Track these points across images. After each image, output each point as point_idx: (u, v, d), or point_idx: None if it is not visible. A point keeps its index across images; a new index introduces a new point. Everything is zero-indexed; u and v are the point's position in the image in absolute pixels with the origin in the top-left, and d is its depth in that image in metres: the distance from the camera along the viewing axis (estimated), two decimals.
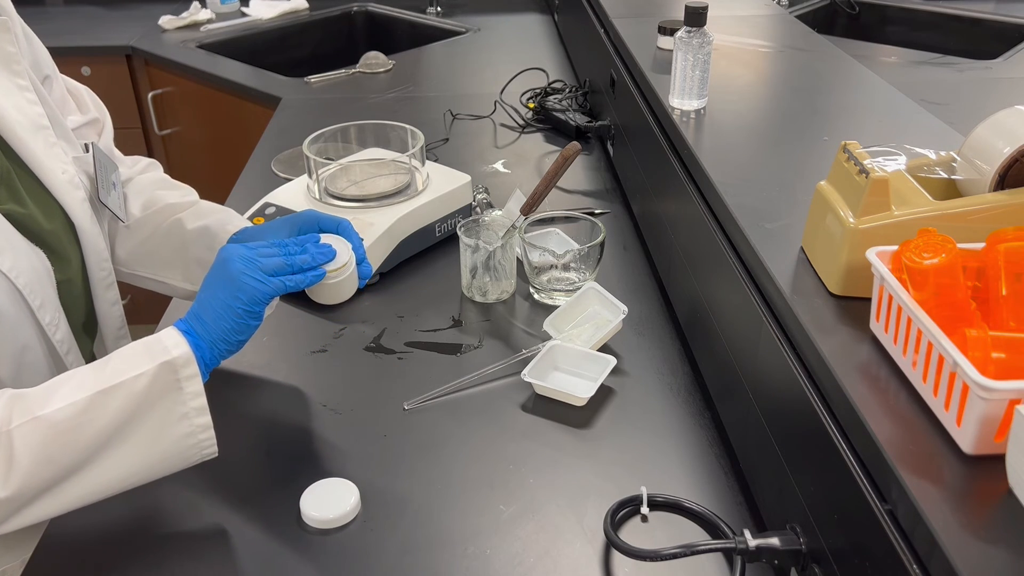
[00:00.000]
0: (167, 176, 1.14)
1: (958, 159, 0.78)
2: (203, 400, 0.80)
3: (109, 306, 1.00)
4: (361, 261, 0.94)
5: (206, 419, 0.81)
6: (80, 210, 0.93)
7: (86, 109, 1.04)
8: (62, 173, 0.92)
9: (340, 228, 0.95)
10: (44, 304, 0.88)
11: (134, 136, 2.41)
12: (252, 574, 0.80)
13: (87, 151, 0.98)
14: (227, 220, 1.03)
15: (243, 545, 0.83)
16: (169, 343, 0.79)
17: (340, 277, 0.91)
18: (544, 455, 0.93)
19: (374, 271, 1.22)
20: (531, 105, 1.84)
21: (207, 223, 1.02)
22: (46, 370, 0.90)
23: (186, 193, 1.10)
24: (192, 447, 0.80)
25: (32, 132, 0.90)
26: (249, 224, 1.04)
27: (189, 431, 0.80)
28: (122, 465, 0.77)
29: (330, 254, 0.88)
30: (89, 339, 1.00)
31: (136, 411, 0.76)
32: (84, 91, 1.06)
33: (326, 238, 0.93)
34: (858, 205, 0.73)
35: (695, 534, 0.84)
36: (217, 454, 0.82)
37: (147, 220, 1.05)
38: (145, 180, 1.11)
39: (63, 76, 1.03)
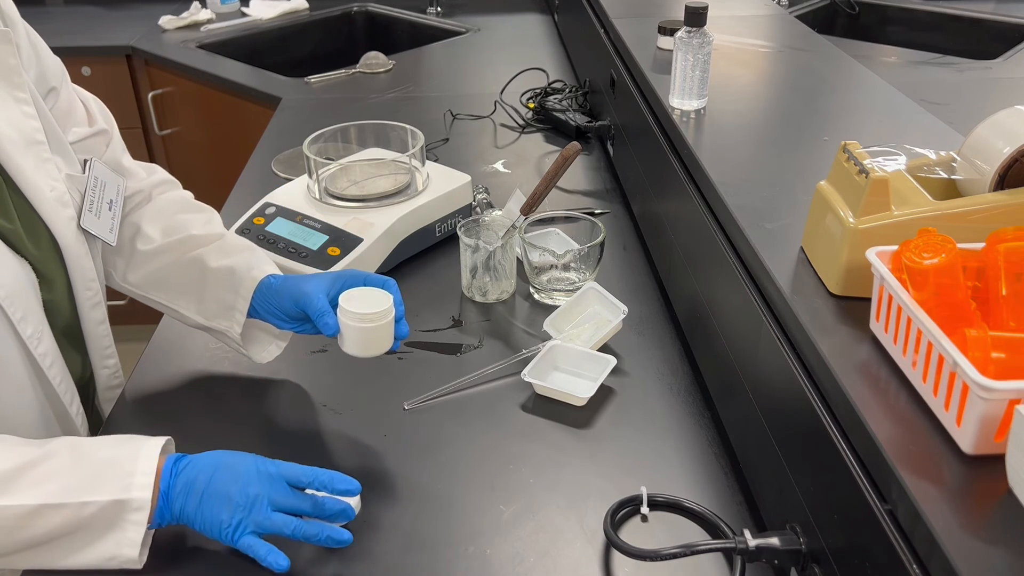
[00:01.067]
0: (188, 195, 1.10)
1: (958, 159, 0.78)
2: (136, 551, 0.77)
3: (95, 325, 0.97)
4: (400, 319, 0.93)
5: (134, 561, 0.78)
6: (65, 229, 0.90)
7: (93, 120, 1.02)
8: (50, 191, 0.89)
9: (386, 285, 0.94)
10: (26, 316, 0.86)
11: (134, 136, 2.41)
12: (251, 574, 0.80)
13: (85, 168, 0.95)
14: (253, 264, 1.00)
15: None
16: (137, 481, 0.77)
17: (375, 323, 0.89)
18: (544, 455, 0.93)
19: (374, 271, 1.22)
20: (531, 105, 1.84)
21: (231, 264, 0.99)
22: (27, 382, 0.88)
23: (209, 219, 1.06)
24: (111, 567, 0.79)
25: (23, 147, 0.87)
26: (277, 272, 1.01)
27: (112, 559, 0.78)
28: (37, 563, 0.78)
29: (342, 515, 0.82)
30: (78, 353, 0.97)
31: (72, 531, 0.76)
32: (92, 101, 1.04)
33: (366, 291, 0.92)
34: (858, 205, 0.73)
35: (695, 534, 0.84)
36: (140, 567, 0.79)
37: (167, 248, 1.02)
38: (165, 201, 1.07)
39: (74, 86, 1.01)
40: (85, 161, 0.96)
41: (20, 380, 0.88)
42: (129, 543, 0.77)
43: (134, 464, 0.79)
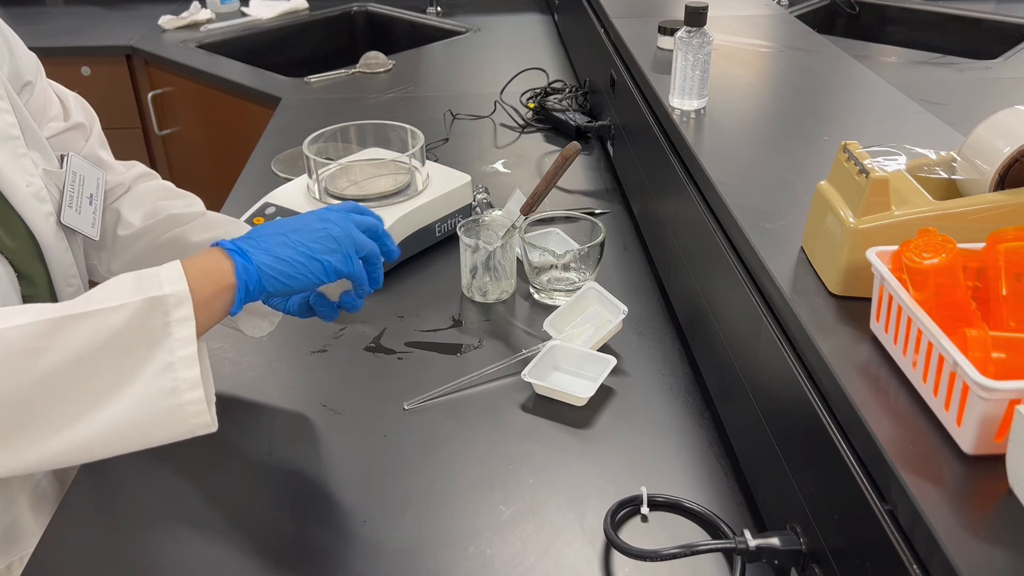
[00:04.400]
0: (170, 184, 1.10)
1: (958, 159, 0.78)
2: (193, 350, 0.66)
3: None
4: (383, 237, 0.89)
5: (194, 373, 0.66)
6: (43, 224, 0.88)
7: (69, 115, 1.00)
8: (26, 186, 0.87)
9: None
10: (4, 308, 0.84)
11: (134, 136, 2.41)
12: (250, 573, 0.80)
13: (62, 163, 0.94)
14: (237, 232, 0.99)
15: (242, 546, 0.83)
16: (164, 277, 0.68)
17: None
18: (544, 455, 0.93)
19: None
20: (531, 105, 1.84)
21: (214, 236, 0.98)
22: None
23: (190, 203, 1.05)
24: (174, 410, 0.67)
25: None
26: None
27: (171, 386, 0.66)
28: (83, 419, 0.65)
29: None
30: None
31: (106, 348, 0.64)
32: (71, 97, 1.02)
33: None
34: (858, 205, 0.73)
35: (695, 534, 0.84)
36: (215, 427, 0.70)
37: (147, 231, 1.01)
38: (146, 189, 1.06)
39: (51, 82, 1.00)
40: (62, 156, 0.94)
41: None
42: (181, 343, 0.66)
43: (154, 271, 0.69)
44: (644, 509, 0.85)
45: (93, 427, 0.66)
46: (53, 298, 0.92)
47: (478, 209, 1.41)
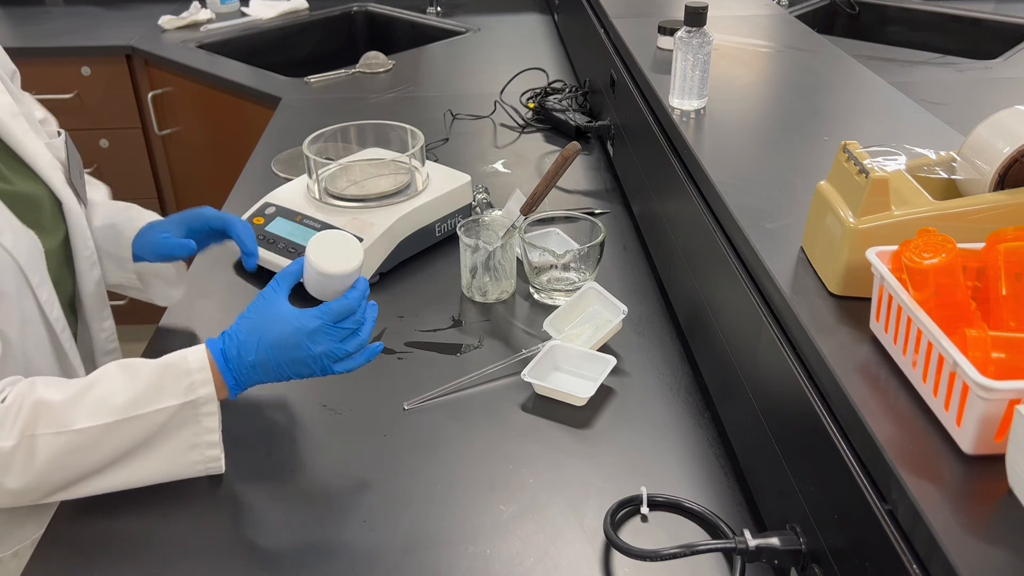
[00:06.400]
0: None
1: (958, 159, 0.78)
2: (217, 435, 0.86)
3: (93, 285, 1.02)
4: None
5: (217, 451, 0.86)
6: (65, 189, 0.97)
7: (36, 108, 1.08)
8: (42, 155, 0.95)
9: (230, 226, 1.04)
10: (42, 282, 0.91)
11: (134, 136, 2.41)
12: (250, 573, 0.80)
13: (59, 136, 1.01)
14: (135, 216, 1.09)
15: (242, 546, 0.83)
16: (197, 379, 0.84)
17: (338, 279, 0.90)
18: (544, 455, 0.93)
19: (374, 271, 1.22)
20: (531, 105, 1.84)
21: (114, 221, 1.08)
22: (47, 345, 0.93)
23: (97, 189, 1.14)
24: (198, 468, 0.86)
25: (10, 117, 0.93)
26: (155, 217, 1.11)
27: (199, 459, 0.86)
28: (130, 478, 0.84)
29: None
30: (74, 317, 1.02)
31: (152, 439, 0.83)
32: (28, 97, 1.10)
33: (337, 238, 0.91)
34: (858, 205, 0.73)
35: (695, 534, 0.84)
36: (224, 470, 0.88)
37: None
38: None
39: None
40: (58, 132, 1.02)
41: (42, 343, 0.92)
42: (207, 430, 0.85)
43: (186, 362, 0.84)
44: (644, 509, 0.85)
45: (122, 479, 0.83)
46: (70, 267, 0.99)
47: (478, 209, 1.41)
